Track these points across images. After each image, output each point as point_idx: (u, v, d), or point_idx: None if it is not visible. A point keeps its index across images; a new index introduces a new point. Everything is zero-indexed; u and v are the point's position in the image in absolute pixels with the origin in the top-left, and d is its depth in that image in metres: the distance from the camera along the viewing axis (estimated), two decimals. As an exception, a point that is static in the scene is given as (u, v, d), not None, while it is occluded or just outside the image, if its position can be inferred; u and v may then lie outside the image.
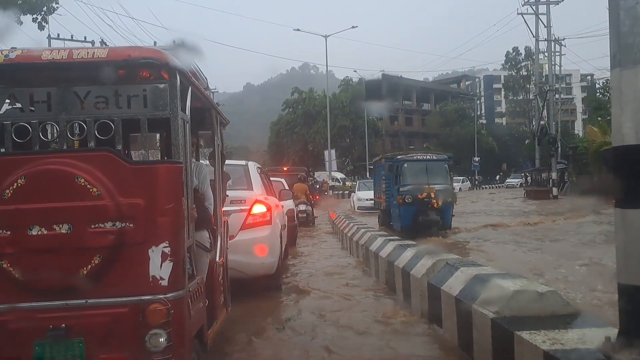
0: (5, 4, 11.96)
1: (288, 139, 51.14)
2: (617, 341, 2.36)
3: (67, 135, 2.61)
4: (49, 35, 21.01)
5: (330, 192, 34.48)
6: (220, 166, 4.11)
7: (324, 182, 35.01)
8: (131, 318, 2.44)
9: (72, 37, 22.31)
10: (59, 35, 22.32)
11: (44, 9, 12.83)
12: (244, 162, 6.74)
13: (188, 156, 2.93)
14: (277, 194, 8.29)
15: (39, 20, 12.91)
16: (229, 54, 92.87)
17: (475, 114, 62.10)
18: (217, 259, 3.74)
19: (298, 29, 39.83)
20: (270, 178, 8.82)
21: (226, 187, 4.51)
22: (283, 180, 12.36)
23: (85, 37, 21.52)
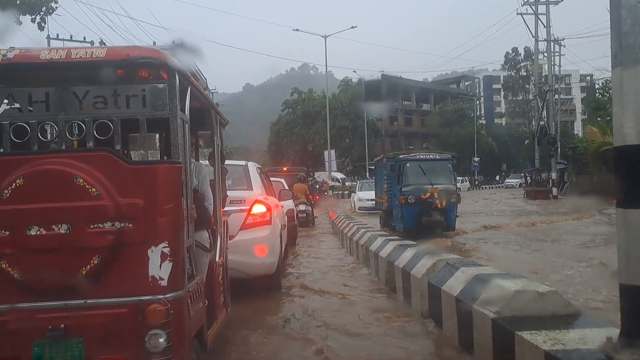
0: (4, 4, 11.96)
1: (288, 139, 51.17)
2: (619, 341, 2.36)
3: (66, 135, 2.60)
4: (48, 36, 21.01)
5: (330, 192, 34.48)
6: (220, 166, 4.10)
7: (324, 182, 35.02)
8: (130, 318, 2.43)
9: (71, 37, 22.29)
10: (58, 35, 22.33)
11: (42, 9, 12.83)
12: (243, 162, 6.74)
13: (187, 156, 2.92)
14: (277, 194, 8.28)
15: (38, 20, 12.91)
16: (228, 54, 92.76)
17: (474, 115, 62.14)
18: (217, 259, 3.74)
19: (297, 29, 39.75)
20: (270, 178, 8.81)
21: (225, 180, 4.47)
22: (283, 181, 12.34)
23: (85, 38, 21.50)
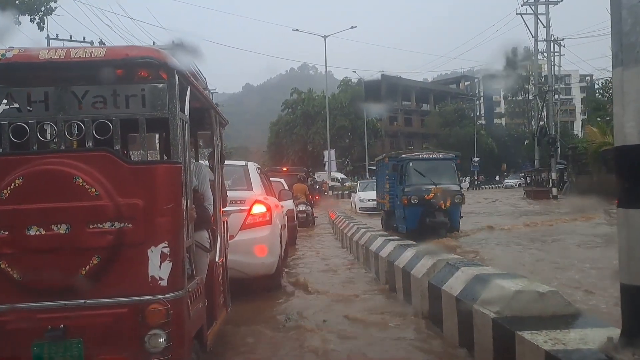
0: (4, 4, 11.96)
1: (287, 139, 51.18)
2: (619, 341, 2.35)
3: (65, 135, 2.59)
4: (48, 36, 21.02)
5: (329, 192, 34.49)
6: (220, 166, 4.09)
7: (324, 183, 35.04)
8: (130, 318, 2.42)
9: (70, 37, 22.35)
10: (57, 35, 22.38)
11: (42, 9, 12.83)
12: (243, 162, 6.74)
13: (187, 156, 2.91)
14: (277, 194, 8.28)
15: (37, 20, 12.91)
16: (228, 54, 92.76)
17: (474, 115, 62.13)
18: (217, 259, 3.73)
19: (297, 29, 39.70)
20: (270, 178, 8.81)
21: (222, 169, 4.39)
22: (283, 181, 12.34)
23: (84, 38, 21.54)
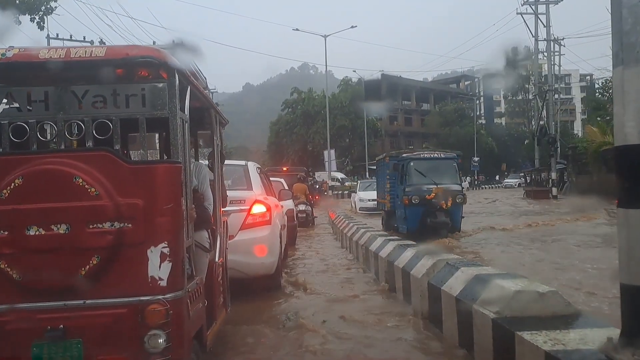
0: (4, 4, 11.96)
1: (287, 139, 51.18)
2: (619, 341, 2.35)
3: (65, 134, 2.59)
4: (48, 35, 21.00)
5: (329, 192, 34.50)
6: (220, 166, 4.09)
7: (324, 182, 35.05)
8: (130, 319, 2.42)
9: (71, 37, 22.33)
10: (58, 35, 22.36)
11: (42, 8, 12.83)
12: (243, 162, 6.73)
13: (187, 156, 2.91)
14: (277, 194, 8.28)
15: (37, 20, 12.91)
16: (228, 54, 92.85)
17: (474, 114, 62.12)
18: (217, 259, 3.73)
19: (297, 29, 39.61)
20: (270, 178, 8.81)
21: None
22: (282, 180, 12.33)
23: (85, 37, 21.50)
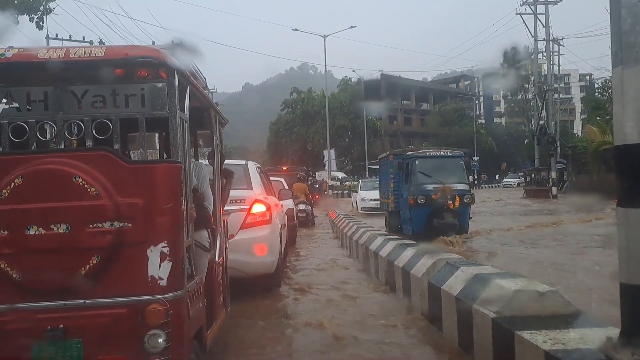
0: (3, 4, 11.96)
1: (287, 138, 51.19)
2: (619, 341, 2.35)
3: (65, 134, 2.59)
4: (47, 35, 20.98)
5: (329, 191, 34.52)
6: (220, 166, 4.09)
7: (323, 182, 35.07)
8: (130, 318, 2.42)
9: (70, 37, 22.32)
10: (57, 35, 22.35)
11: (40, 8, 12.83)
12: (243, 161, 6.74)
13: (187, 156, 2.91)
14: (277, 193, 8.28)
15: (36, 20, 12.91)
16: (228, 54, 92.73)
17: (474, 114, 62.11)
18: (217, 258, 3.73)
19: (297, 29, 39.69)
20: (270, 178, 8.81)
21: (230, 185, 4.47)
22: (282, 180, 12.33)
23: (84, 37, 21.47)
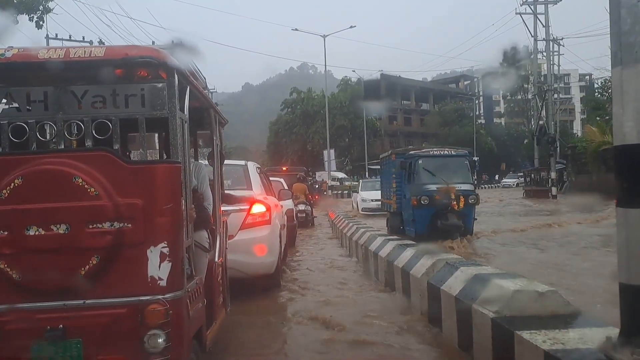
0: (2, 4, 11.96)
1: (287, 139, 51.22)
2: (618, 341, 2.35)
3: (65, 134, 2.59)
4: (47, 35, 20.99)
5: (329, 192, 34.54)
6: (220, 166, 4.09)
7: (323, 182, 35.10)
8: (129, 319, 2.42)
9: (70, 37, 22.33)
10: (57, 35, 22.37)
11: (40, 7, 12.84)
12: (243, 162, 6.74)
13: (187, 156, 2.91)
14: (277, 193, 8.28)
15: (36, 19, 12.92)
16: (227, 54, 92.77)
17: (474, 114, 62.14)
18: (216, 259, 3.73)
19: (296, 29, 39.71)
20: (270, 178, 8.81)
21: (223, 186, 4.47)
22: (282, 180, 12.33)
23: (84, 37, 21.49)
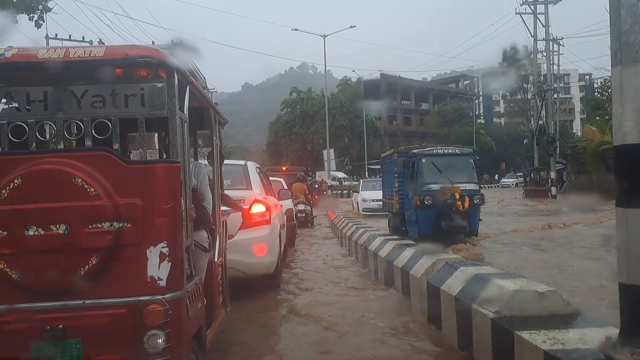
0: (2, 3, 11.96)
1: (286, 138, 51.23)
2: (618, 340, 2.35)
3: (64, 134, 2.59)
4: (47, 35, 20.99)
5: (329, 192, 34.54)
6: (219, 166, 4.09)
7: (323, 182, 35.10)
8: (129, 319, 2.42)
9: (69, 36, 22.31)
10: (56, 35, 22.36)
11: (39, 7, 12.85)
12: (243, 161, 6.74)
13: (186, 156, 2.91)
14: (276, 193, 8.28)
15: (36, 19, 12.93)
16: (227, 54, 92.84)
17: (473, 114, 62.13)
18: (216, 259, 3.73)
19: (296, 29, 39.67)
20: (269, 178, 8.80)
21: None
22: (282, 180, 12.33)
23: (83, 37, 21.46)
